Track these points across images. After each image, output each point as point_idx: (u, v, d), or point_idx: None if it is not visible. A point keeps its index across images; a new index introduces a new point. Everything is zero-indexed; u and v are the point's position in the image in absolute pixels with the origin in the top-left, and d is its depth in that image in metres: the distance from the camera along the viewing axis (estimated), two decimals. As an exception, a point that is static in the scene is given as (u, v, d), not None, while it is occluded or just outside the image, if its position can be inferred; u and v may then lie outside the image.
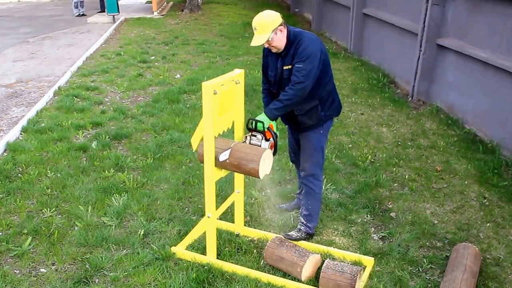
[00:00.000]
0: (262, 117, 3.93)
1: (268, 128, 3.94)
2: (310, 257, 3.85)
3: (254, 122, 3.90)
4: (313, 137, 4.18)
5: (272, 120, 3.96)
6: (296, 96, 3.85)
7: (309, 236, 4.41)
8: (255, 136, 3.95)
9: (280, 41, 3.86)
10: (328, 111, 4.15)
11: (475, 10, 6.76)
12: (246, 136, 4.01)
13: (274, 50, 3.94)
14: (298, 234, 4.38)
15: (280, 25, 3.82)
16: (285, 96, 3.87)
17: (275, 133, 3.99)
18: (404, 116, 7.45)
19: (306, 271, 3.81)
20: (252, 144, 3.94)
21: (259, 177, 3.69)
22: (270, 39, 3.81)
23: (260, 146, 3.89)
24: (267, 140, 3.94)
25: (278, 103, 3.90)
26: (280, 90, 4.02)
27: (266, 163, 3.74)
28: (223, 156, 3.73)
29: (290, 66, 3.90)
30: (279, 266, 3.95)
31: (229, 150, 3.72)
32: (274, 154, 3.96)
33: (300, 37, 3.89)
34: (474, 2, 6.78)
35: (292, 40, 3.89)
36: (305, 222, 4.39)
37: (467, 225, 4.62)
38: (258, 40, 3.82)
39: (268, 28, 3.78)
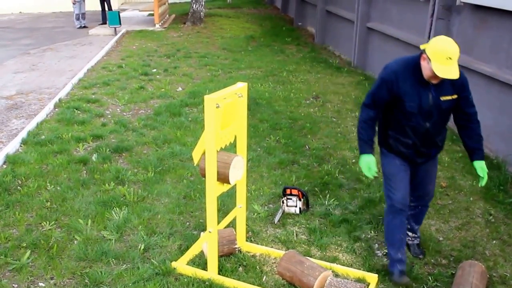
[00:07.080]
0: None
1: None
2: (324, 273, 3.81)
3: None
4: (436, 158, 4.14)
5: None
6: None
7: None
8: (290, 199, 4.84)
9: None
10: None
11: (481, 25, 6.73)
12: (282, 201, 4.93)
13: (436, 81, 3.56)
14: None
15: None
16: (480, 129, 3.82)
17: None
18: (407, 131, 7.37)
19: (317, 284, 3.75)
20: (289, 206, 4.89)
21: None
22: None
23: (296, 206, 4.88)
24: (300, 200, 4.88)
25: (481, 138, 3.85)
26: (427, 123, 3.70)
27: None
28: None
29: (451, 97, 3.69)
30: (294, 268, 3.86)
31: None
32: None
33: None
34: (480, 17, 6.75)
35: None
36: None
37: (472, 242, 4.55)
38: (455, 71, 3.41)
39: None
